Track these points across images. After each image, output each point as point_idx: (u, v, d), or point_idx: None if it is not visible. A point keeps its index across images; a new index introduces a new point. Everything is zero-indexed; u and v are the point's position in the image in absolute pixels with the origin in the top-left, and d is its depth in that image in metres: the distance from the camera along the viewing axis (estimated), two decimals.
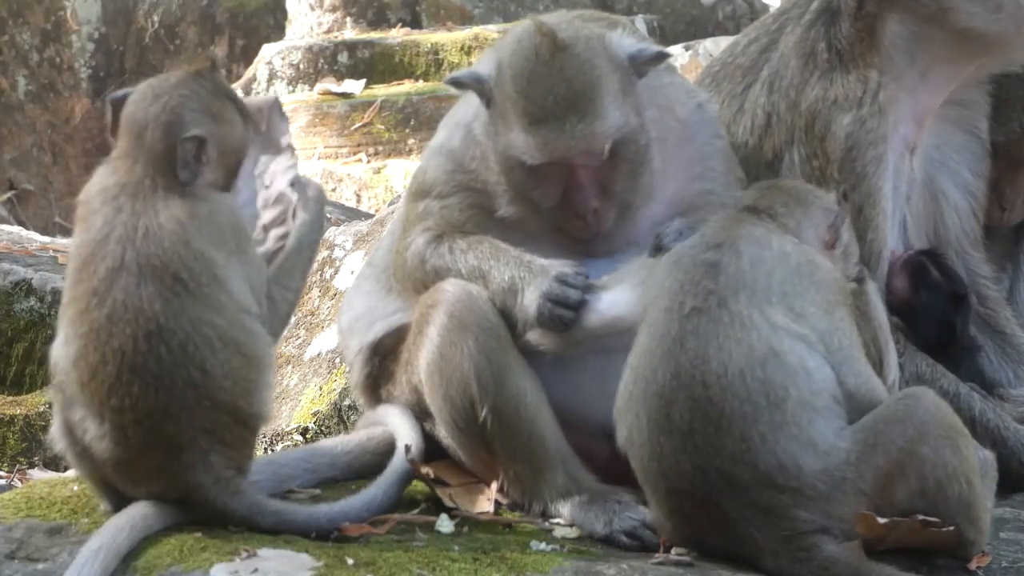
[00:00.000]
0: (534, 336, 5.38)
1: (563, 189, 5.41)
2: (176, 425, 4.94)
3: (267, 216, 5.40)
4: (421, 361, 5.45)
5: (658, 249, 5.28)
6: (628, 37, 5.50)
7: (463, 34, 15.08)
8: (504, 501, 5.44)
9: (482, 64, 5.53)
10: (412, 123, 14.10)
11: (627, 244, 5.49)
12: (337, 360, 7.23)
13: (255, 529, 4.98)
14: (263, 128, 5.47)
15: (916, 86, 5.86)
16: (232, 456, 5.00)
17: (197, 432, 4.95)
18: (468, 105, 5.65)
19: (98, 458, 5.03)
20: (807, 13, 5.97)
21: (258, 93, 15.06)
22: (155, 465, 4.98)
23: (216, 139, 5.15)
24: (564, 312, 5.31)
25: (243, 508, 5.00)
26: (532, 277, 5.37)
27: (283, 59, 15.05)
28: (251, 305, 5.04)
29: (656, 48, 5.51)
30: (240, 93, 15.47)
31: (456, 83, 5.54)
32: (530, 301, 5.35)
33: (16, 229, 13.02)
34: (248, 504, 5.01)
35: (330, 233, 7.91)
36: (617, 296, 5.31)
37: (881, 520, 4.88)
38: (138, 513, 4.98)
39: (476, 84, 5.47)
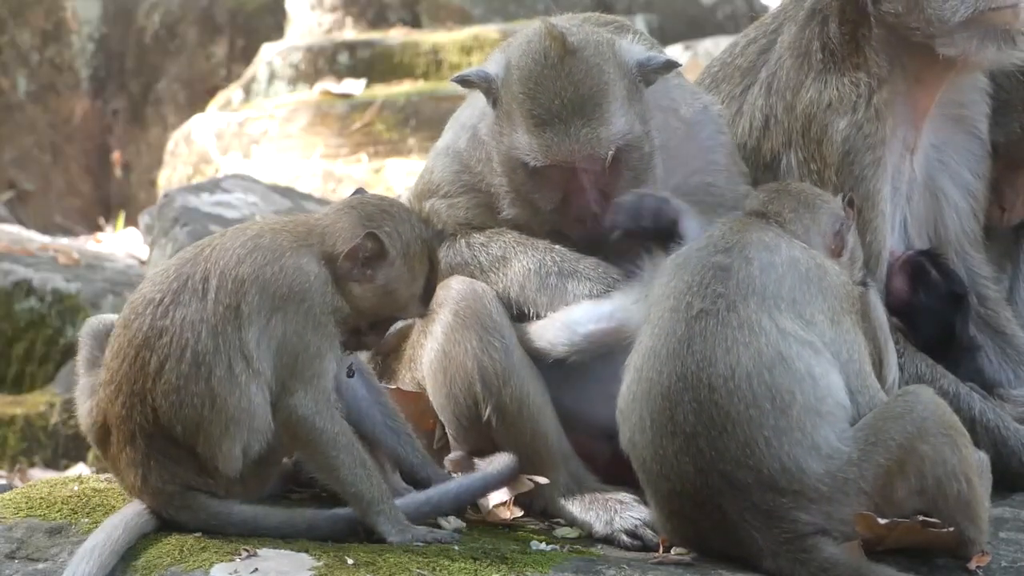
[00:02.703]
0: (540, 342, 5.39)
1: (564, 192, 5.43)
2: (123, 399, 4.97)
3: None
4: (425, 359, 5.45)
5: (669, 237, 5.26)
6: (638, 44, 5.51)
7: (463, 34, 15.07)
8: (506, 493, 5.44)
9: (490, 64, 5.53)
10: (412, 123, 14.10)
11: (630, 247, 5.48)
12: None
13: (224, 535, 4.97)
14: None
15: (910, 88, 5.86)
16: (177, 473, 4.97)
17: (136, 426, 4.96)
18: (474, 107, 5.65)
19: None
20: (801, 11, 5.97)
21: (258, 94, 15.06)
22: (115, 452, 5.03)
23: (393, 272, 5.09)
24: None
25: (197, 521, 4.98)
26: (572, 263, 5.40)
27: (283, 59, 15.05)
28: (260, 363, 4.94)
29: (665, 57, 5.52)
30: (240, 93, 15.51)
31: (463, 81, 5.55)
32: (571, 286, 5.38)
33: (16, 229, 13.04)
34: (204, 517, 4.97)
35: None
36: (624, 300, 5.31)
37: (881, 520, 4.88)
38: (133, 511, 4.99)
39: (484, 83, 5.48)
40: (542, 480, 5.34)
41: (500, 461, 5.31)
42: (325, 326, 5.02)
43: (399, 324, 5.71)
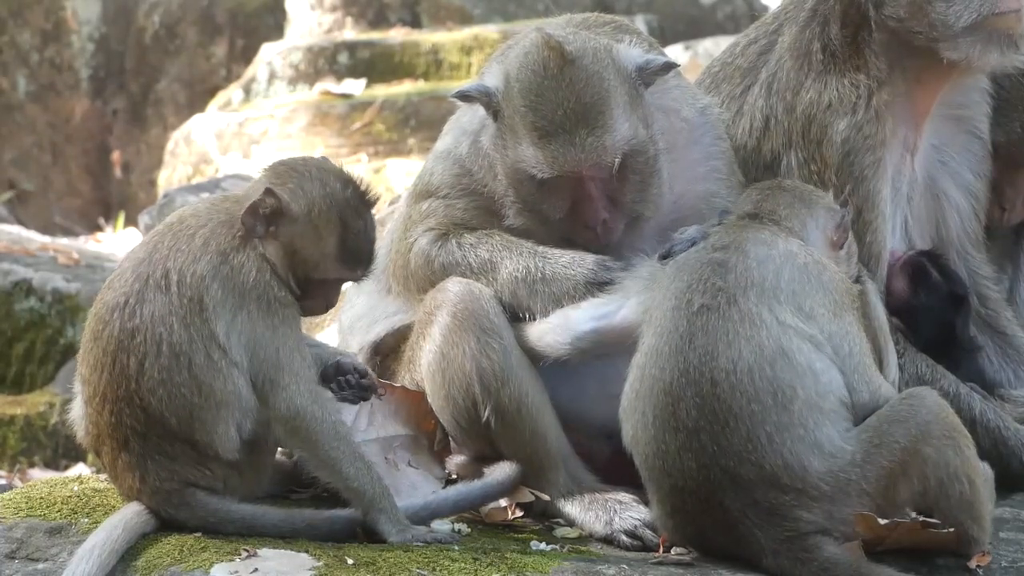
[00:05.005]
0: (539, 343, 5.38)
1: (572, 201, 5.42)
2: (110, 407, 4.97)
3: None
4: (423, 360, 5.45)
5: (667, 255, 5.26)
6: (635, 47, 5.51)
7: (463, 34, 15.07)
8: (505, 501, 5.44)
9: (489, 76, 5.52)
10: (412, 123, 14.10)
11: (634, 251, 5.48)
12: None
13: (223, 534, 4.98)
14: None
15: (910, 89, 5.87)
16: (175, 470, 4.98)
17: (128, 430, 4.97)
18: (474, 113, 5.64)
19: None
20: (802, 11, 5.98)
21: (258, 93, 15.06)
22: (110, 459, 5.03)
23: (297, 229, 5.08)
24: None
25: (196, 519, 4.99)
26: (555, 266, 5.40)
27: (283, 59, 15.04)
28: (237, 356, 4.97)
29: (663, 59, 5.51)
30: (240, 93, 15.49)
31: (464, 96, 5.54)
32: (564, 288, 5.36)
33: (16, 229, 13.03)
34: (203, 514, 4.98)
35: None
36: (622, 300, 5.30)
37: (882, 521, 4.88)
38: (132, 511, 4.99)
39: (484, 97, 5.47)
40: (544, 496, 5.35)
41: (502, 471, 5.31)
42: (291, 316, 5.07)
43: (398, 324, 5.71)
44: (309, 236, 5.11)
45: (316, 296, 5.17)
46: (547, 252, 5.47)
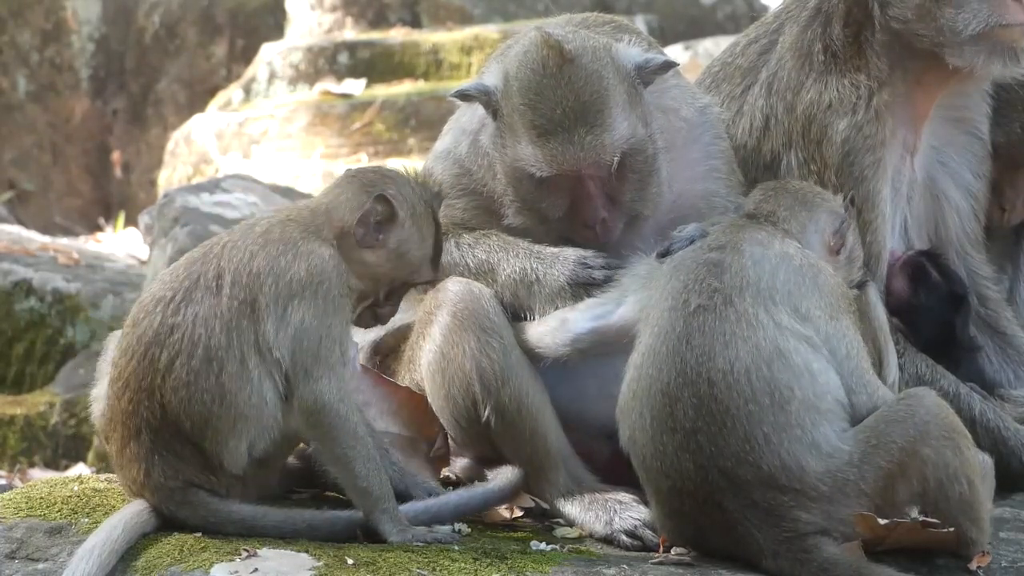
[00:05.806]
0: (539, 343, 5.38)
1: (571, 200, 5.43)
2: (131, 395, 4.98)
3: None
4: (423, 360, 5.46)
5: (665, 253, 5.26)
6: (635, 46, 5.51)
7: (463, 34, 15.07)
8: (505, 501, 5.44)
9: (488, 76, 5.53)
10: (412, 123, 14.11)
11: (633, 250, 5.49)
12: None
13: (223, 534, 4.98)
14: None
15: (910, 91, 5.88)
16: (181, 469, 4.98)
17: (143, 421, 4.97)
18: (473, 112, 5.65)
19: None
20: (804, 11, 5.98)
21: (258, 94, 15.07)
22: (118, 447, 5.04)
23: (404, 233, 5.13)
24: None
25: (197, 518, 4.98)
26: (547, 266, 5.40)
27: (283, 59, 15.05)
28: (280, 352, 4.96)
29: (663, 58, 5.52)
30: (240, 93, 15.47)
31: (463, 95, 5.55)
32: (553, 289, 5.37)
33: (16, 229, 13.04)
34: (204, 514, 4.98)
35: None
36: (621, 299, 5.31)
37: (881, 521, 4.88)
38: (133, 511, 4.99)
39: (483, 96, 5.48)
40: (544, 504, 5.35)
41: (503, 476, 5.31)
42: (344, 309, 5.06)
43: (398, 324, 5.72)
44: (415, 239, 5.17)
45: (392, 303, 5.23)
46: (541, 252, 5.47)
